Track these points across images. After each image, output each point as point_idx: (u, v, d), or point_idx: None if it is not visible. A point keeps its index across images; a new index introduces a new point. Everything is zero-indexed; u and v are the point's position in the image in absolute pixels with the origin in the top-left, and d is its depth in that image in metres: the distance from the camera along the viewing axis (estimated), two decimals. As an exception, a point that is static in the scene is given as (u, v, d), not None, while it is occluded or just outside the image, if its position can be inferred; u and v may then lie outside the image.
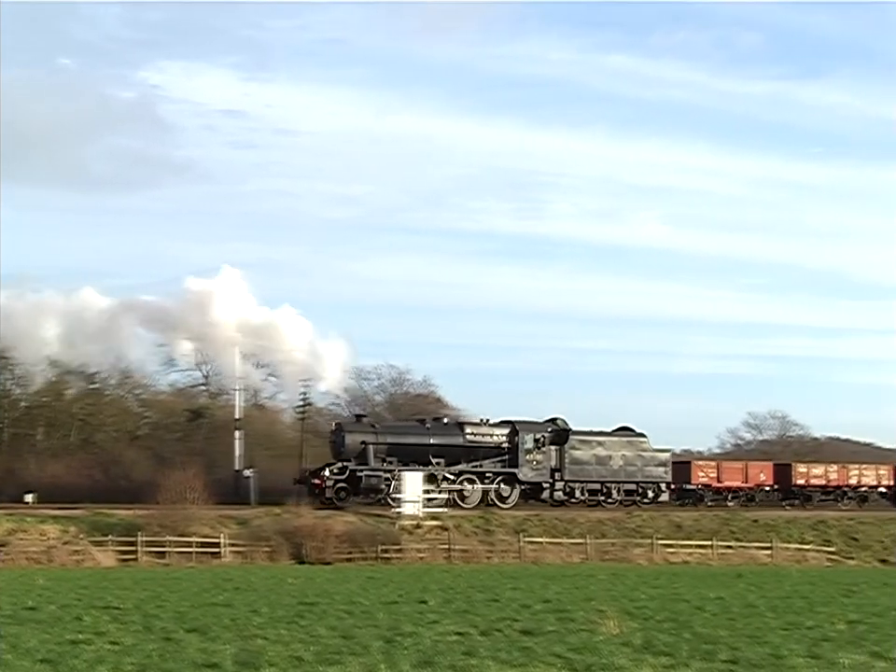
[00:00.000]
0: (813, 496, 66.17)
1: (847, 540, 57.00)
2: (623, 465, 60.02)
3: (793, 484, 65.79)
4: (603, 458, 59.64)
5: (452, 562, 47.91)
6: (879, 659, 15.99)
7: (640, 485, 60.40)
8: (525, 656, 16.22)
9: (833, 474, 66.99)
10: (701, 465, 65.74)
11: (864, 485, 67.89)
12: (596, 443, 60.02)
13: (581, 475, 59.03)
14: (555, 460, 58.44)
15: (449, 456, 56.33)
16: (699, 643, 17.86)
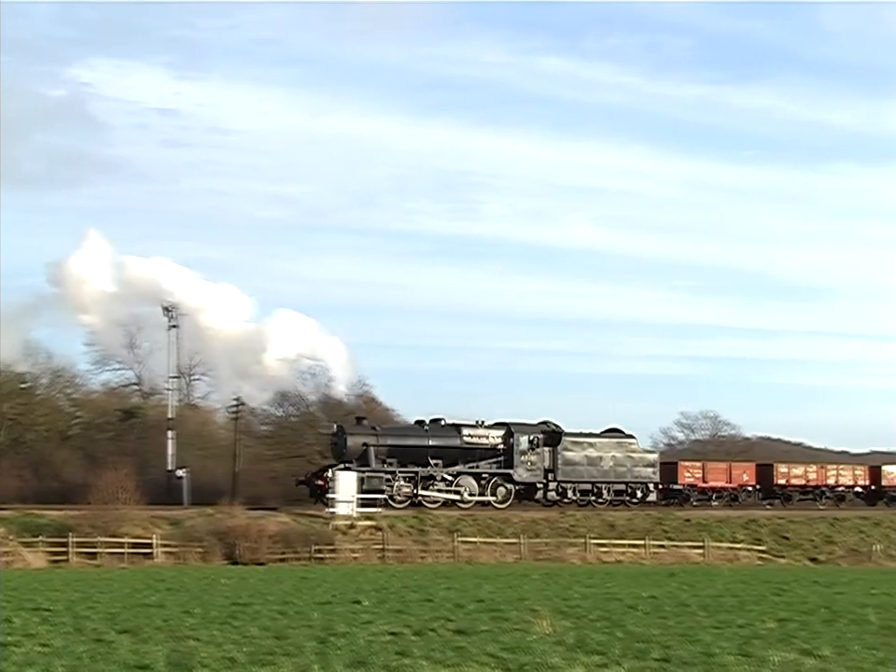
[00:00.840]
0: (793, 495, 67.62)
1: (778, 539, 57.58)
2: (614, 465, 61.25)
3: (775, 484, 67.14)
4: (594, 459, 60.87)
5: (386, 562, 47.89)
6: (808, 656, 16.14)
7: (629, 485, 61.66)
8: (458, 656, 16.22)
9: (812, 474, 68.52)
10: (687, 465, 66.71)
11: (842, 485, 69.41)
12: (588, 444, 61.21)
13: (573, 476, 60.23)
14: (548, 461, 59.55)
15: (446, 458, 57.35)
16: (631, 642, 17.94)
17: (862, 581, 38.43)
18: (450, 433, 58.21)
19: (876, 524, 61.09)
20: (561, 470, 59.82)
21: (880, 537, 59.11)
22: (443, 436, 57.96)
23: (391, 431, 58.30)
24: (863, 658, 16.19)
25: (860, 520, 61.45)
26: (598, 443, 61.56)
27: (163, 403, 66.12)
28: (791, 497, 67.56)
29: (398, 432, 58.56)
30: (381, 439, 56.37)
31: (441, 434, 58.04)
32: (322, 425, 70.97)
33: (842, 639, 18.53)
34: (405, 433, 58.54)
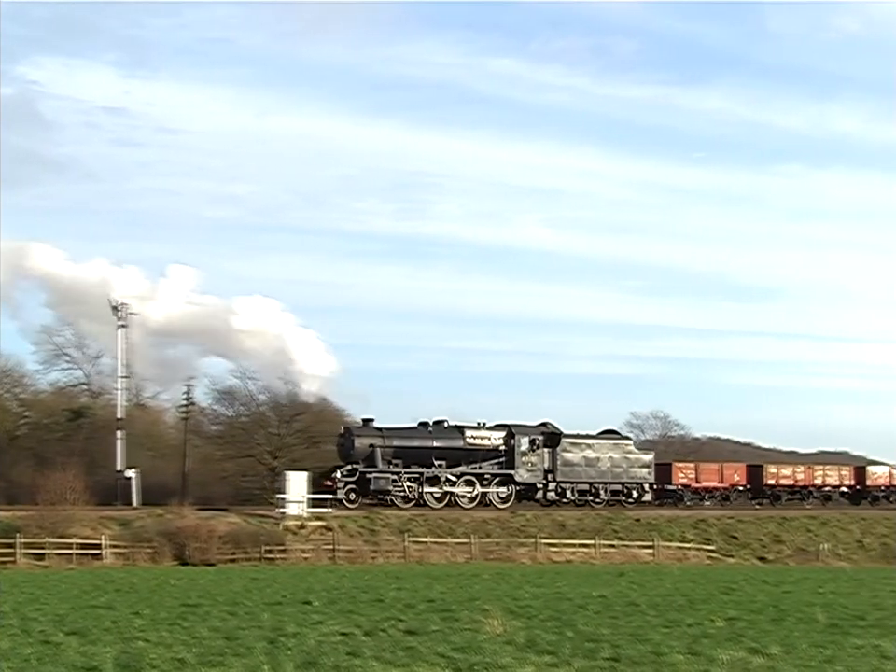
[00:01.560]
0: (782, 495, 69.03)
1: (727, 539, 57.92)
2: (611, 466, 62.67)
3: (764, 484, 68.59)
4: (592, 460, 62.23)
5: (336, 562, 47.79)
6: (757, 655, 16.23)
7: (626, 486, 63.06)
8: (408, 656, 16.21)
9: (800, 475, 70.04)
10: (681, 466, 67.91)
11: (828, 485, 70.70)
12: (586, 446, 62.58)
13: (571, 476, 61.58)
14: (548, 462, 60.93)
15: (450, 459, 58.60)
16: (581, 641, 17.99)
17: (810, 579, 38.73)
18: (453, 435, 59.57)
19: (824, 523, 61.58)
20: (560, 471, 61.21)
21: (827, 536, 59.60)
22: (447, 437, 59.31)
23: (397, 433, 58.88)
24: (811, 656, 16.31)
25: (807, 519, 61.94)
26: (596, 445, 63.00)
27: (112, 403, 65.71)
28: (779, 496, 68.95)
29: (403, 434, 59.09)
30: (387, 440, 57.59)
31: (445, 436, 59.39)
32: (272, 424, 70.92)
33: (790, 638, 18.65)
34: (410, 435, 59.25)
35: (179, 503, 52.31)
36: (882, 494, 71.65)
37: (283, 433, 70.83)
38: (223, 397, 73.86)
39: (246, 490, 67.17)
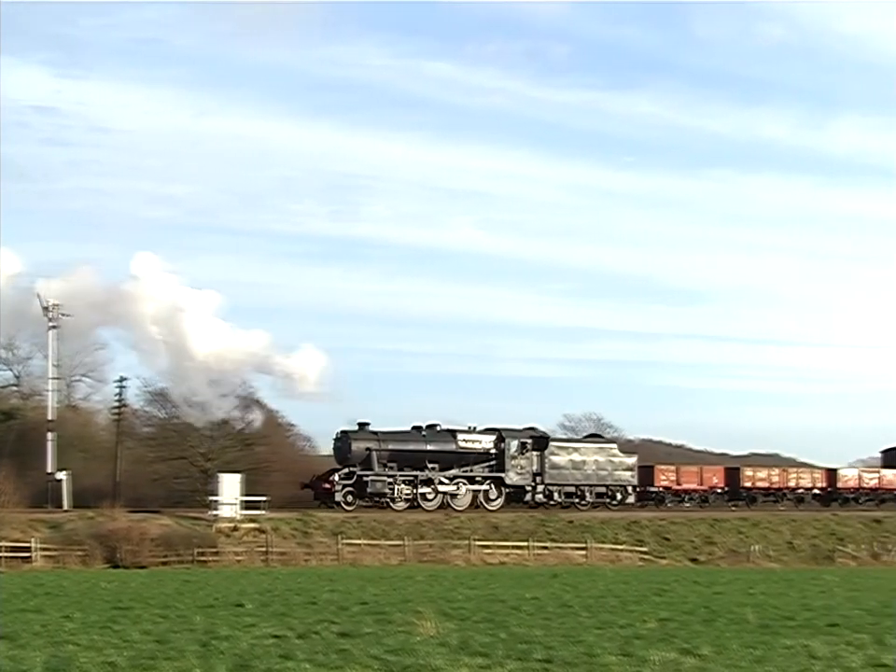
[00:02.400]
0: (757, 497, 71.00)
1: (660, 540, 58.26)
2: (596, 469, 64.26)
3: (741, 486, 70.39)
4: (578, 463, 63.85)
5: (269, 565, 47.62)
6: (688, 655, 16.34)
7: (610, 488, 64.71)
8: (342, 658, 16.17)
9: (775, 477, 71.91)
10: (663, 469, 69.54)
11: (801, 487, 72.53)
12: (573, 449, 64.60)
13: (558, 479, 63.13)
14: (537, 465, 62.43)
15: (443, 462, 59.82)
16: (515, 643, 18.02)
17: (741, 580, 39.06)
18: (446, 438, 60.98)
19: (755, 525, 62.10)
20: (548, 474, 62.69)
21: (758, 538, 60.10)
22: (440, 441, 60.66)
23: (392, 437, 59.94)
24: (741, 656, 16.44)
25: (739, 521, 62.42)
26: (582, 448, 64.99)
27: (43, 405, 65.00)
28: (755, 498, 70.80)
29: (398, 438, 60.19)
30: (382, 444, 58.87)
31: (438, 439, 60.76)
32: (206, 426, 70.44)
33: (721, 638, 18.80)
34: (405, 439, 60.41)
35: (111, 505, 51.88)
36: (851, 496, 73.53)
37: (216, 435, 70.40)
38: (156, 398, 73.27)
39: (179, 492, 66.72)
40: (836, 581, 38.92)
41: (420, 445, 60.03)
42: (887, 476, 74.93)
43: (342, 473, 57.53)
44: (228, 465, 62.40)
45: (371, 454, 57.96)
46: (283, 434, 79.16)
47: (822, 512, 67.42)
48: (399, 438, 60.17)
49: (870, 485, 74.36)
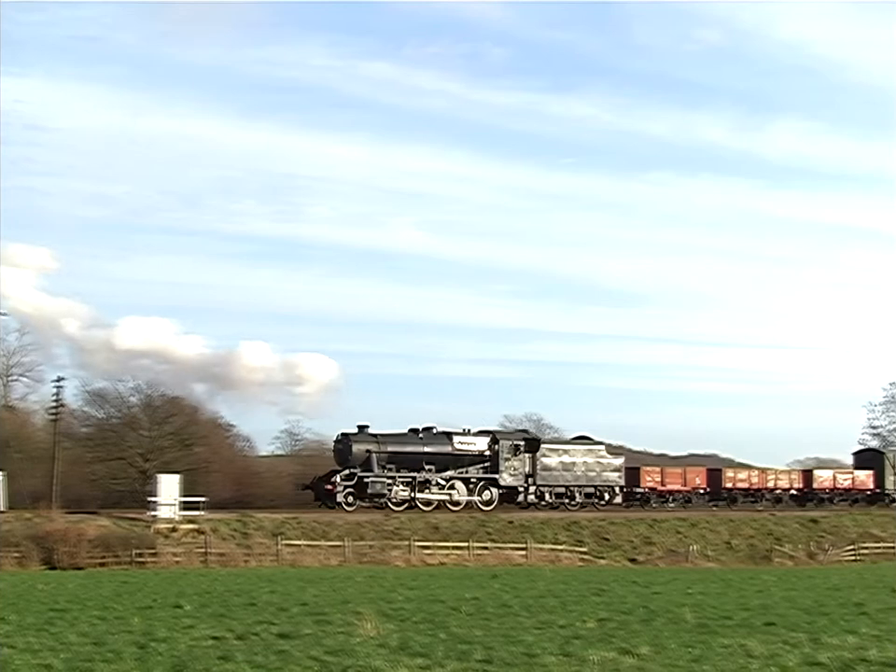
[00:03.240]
0: (738, 497, 72.81)
1: (599, 540, 58.49)
2: (585, 471, 65.77)
3: (723, 487, 72.23)
4: (568, 465, 65.38)
5: (208, 566, 47.36)
6: (627, 655, 16.40)
7: (598, 489, 66.25)
8: (281, 660, 16.12)
9: (755, 478, 74.25)
10: (648, 470, 71.01)
11: (779, 488, 74.45)
12: (563, 451, 65.98)
13: (549, 480, 64.68)
14: (529, 466, 63.94)
15: (439, 464, 61.27)
16: (455, 643, 18.03)
17: (679, 580, 39.27)
18: (442, 441, 62.22)
19: (693, 525, 62.50)
20: (539, 475, 64.23)
21: (697, 538, 60.49)
22: (437, 443, 61.92)
23: (391, 439, 61.14)
24: (679, 656, 16.52)
25: (677, 521, 62.80)
26: (572, 450, 66.36)
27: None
28: (736, 498, 72.58)
29: (397, 440, 61.39)
30: (382, 446, 60.09)
31: (435, 442, 62.01)
32: (144, 426, 70.05)
33: (659, 638, 18.89)
34: (404, 441, 61.65)
35: (48, 506, 51.42)
36: (826, 496, 75.51)
37: (154, 435, 69.99)
38: (94, 398, 72.72)
39: (117, 493, 66.25)
40: (773, 581, 39.25)
41: (418, 447, 61.34)
42: (859, 477, 77.14)
43: (343, 474, 58.66)
44: (166, 465, 62.06)
45: (371, 455, 59.22)
46: (222, 435, 78.84)
47: (760, 513, 68.02)
48: (398, 440, 61.42)
49: (844, 486, 76.53)
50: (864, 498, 76.34)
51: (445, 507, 60.48)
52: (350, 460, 59.18)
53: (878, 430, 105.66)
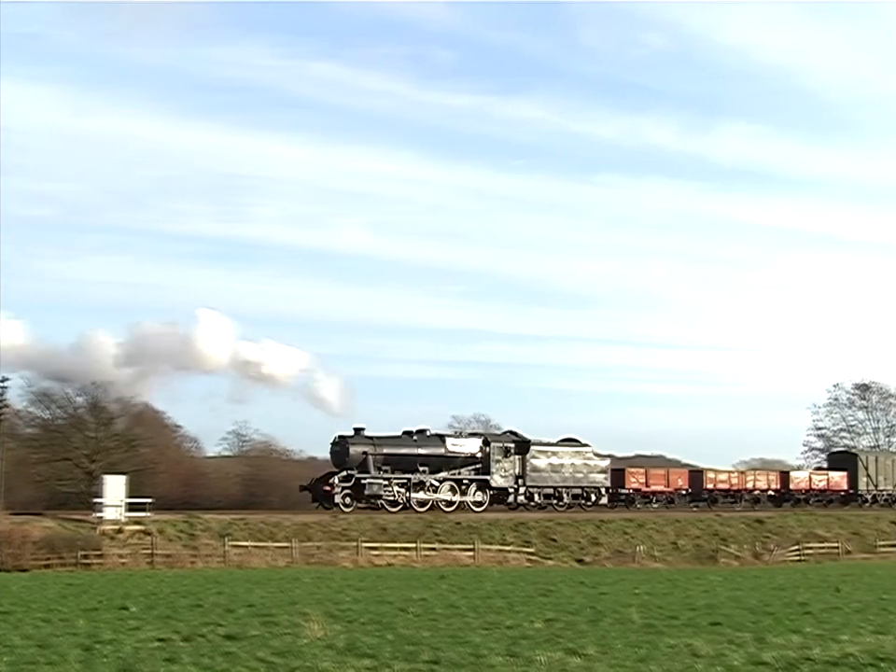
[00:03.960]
0: (718, 498, 74.43)
1: (546, 541, 58.60)
2: (573, 472, 67.14)
3: (704, 488, 73.91)
4: (557, 466, 66.58)
5: (155, 567, 47.08)
6: (574, 655, 16.45)
7: (585, 490, 67.48)
8: (228, 661, 16.07)
9: (735, 479, 76.13)
10: (633, 472, 72.40)
11: (758, 489, 76.36)
12: (552, 453, 66.81)
13: (539, 481, 65.84)
14: (519, 468, 65.05)
15: (432, 465, 62.11)
16: (402, 644, 18.04)
17: (626, 581, 39.44)
18: (436, 443, 63.19)
19: (640, 525, 62.77)
20: (529, 476, 65.35)
21: (644, 538, 60.77)
22: (430, 445, 62.79)
23: (386, 441, 61.84)
24: (626, 656, 16.60)
25: (624, 522, 63.06)
26: (560, 451, 67.23)
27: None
28: (717, 499, 74.22)
29: (392, 442, 62.03)
30: (378, 448, 60.72)
31: (429, 444, 62.87)
32: (90, 427, 69.59)
33: (606, 638, 18.98)
34: (399, 443, 62.29)
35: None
36: (803, 496, 77.42)
37: (101, 436, 69.56)
38: (39, 399, 72.18)
39: (63, 494, 65.80)
40: (719, 581, 39.50)
41: (412, 449, 62.10)
42: (834, 478, 79.18)
43: (341, 476, 59.28)
44: (112, 466, 61.69)
45: (368, 457, 59.85)
46: (169, 435, 78.50)
47: (706, 513, 68.46)
48: (393, 442, 62.11)
49: (819, 487, 78.60)
50: (839, 499, 78.46)
51: (439, 508, 61.41)
52: (347, 462, 59.89)
53: (823, 432, 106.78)
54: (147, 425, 72.90)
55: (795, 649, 17.29)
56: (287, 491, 74.23)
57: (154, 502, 53.65)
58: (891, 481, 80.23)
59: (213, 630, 20.36)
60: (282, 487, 76.21)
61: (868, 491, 79.47)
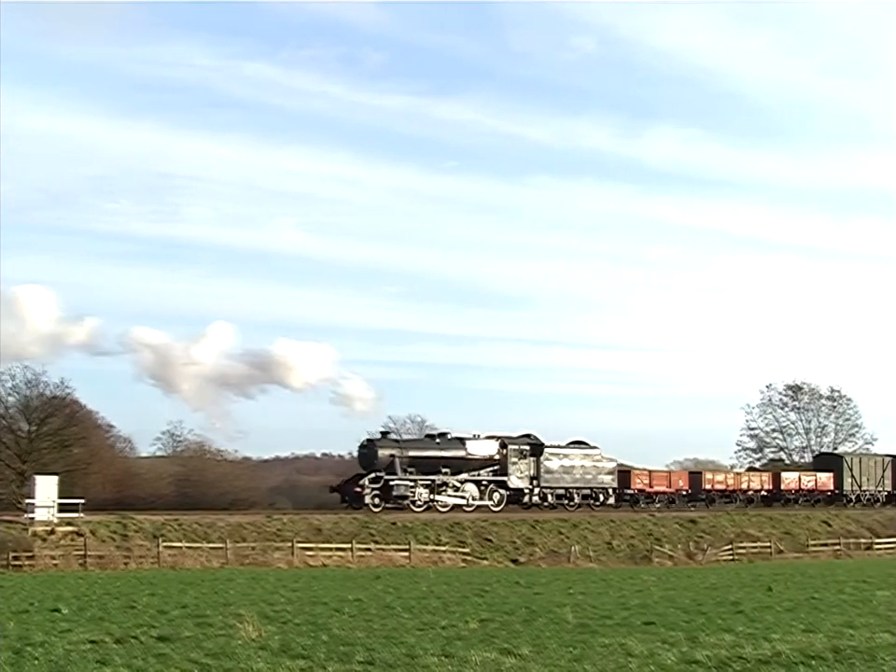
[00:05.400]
0: (715, 498, 77.28)
1: (482, 541, 58.70)
2: (583, 473, 69.91)
3: (702, 489, 77.00)
4: (568, 468, 69.45)
5: (87, 568, 46.66)
6: (508, 655, 16.48)
7: (594, 490, 70.18)
8: (160, 663, 15.96)
9: (730, 480, 79.79)
10: (638, 473, 75.49)
11: (751, 489, 79.54)
12: (563, 455, 69.61)
13: (552, 482, 68.63)
14: (533, 469, 67.82)
15: (454, 467, 64.79)
16: (336, 645, 18.00)
17: (560, 581, 39.61)
18: (456, 445, 65.61)
19: (575, 525, 63.03)
20: (543, 478, 68.13)
21: (578, 538, 61.03)
22: (452, 448, 65.37)
23: (412, 444, 65.67)
24: (560, 656, 16.65)
25: (559, 522, 63.30)
26: (571, 454, 70.01)
27: None
28: (714, 499, 77.04)
29: (417, 445, 65.59)
30: (404, 451, 63.59)
31: (450, 446, 65.46)
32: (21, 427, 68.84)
33: (540, 638, 19.03)
34: (423, 446, 65.48)
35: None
36: (792, 496, 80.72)
37: (32, 436, 68.81)
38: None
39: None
40: (653, 581, 39.76)
41: (435, 452, 64.70)
42: (821, 479, 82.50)
43: (370, 478, 61.61)
44: (44, 467, 61.05)
45: (395, 460, 62.37)
46: (101, 435, 77.78)
47: (640, 513, 68.91)
48: (418, 445, 65.49)
49: (808, 487, 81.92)
50: (825, 499, 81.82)
51: (460, 508, 63.83)
52: (375, 464, 62.30)
53: (756, 432, 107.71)
54: (80, 425, 72.16)
55: (727, 647, 17.43)
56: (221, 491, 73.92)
57: (86, 503, 53.16)
58: (873, 481, 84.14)
59: (145, 632, 20.21)
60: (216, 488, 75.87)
61: (853, 491, 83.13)
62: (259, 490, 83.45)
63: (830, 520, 73.47)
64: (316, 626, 21.19)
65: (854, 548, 68.39)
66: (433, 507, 63.31)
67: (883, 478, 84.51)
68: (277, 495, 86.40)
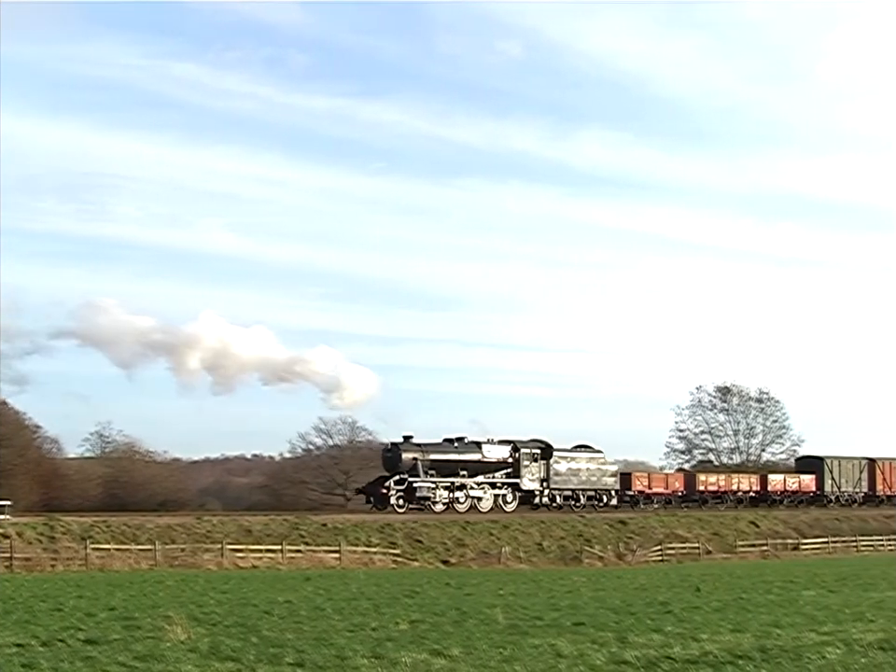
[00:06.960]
0: (708, 499, 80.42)
1: (412, 542, 58.67)
2: (588, 476, 73.04)
3: (696, 490, 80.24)
4: (575, 471, 72.53)
5: (13, 571, 46.09)
6: (438, 656, 16.49)
7: (598, 492, 73.54)
8: (88, 666, 15.81)
9: (722, 482, 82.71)
10: (638, 475, 79.63)
11: (741, 490, 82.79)
12: (571, 458, 72.73)
13: (560, 484, 71.76)
14: (543, 472, 70.98)
15: (471, 470, 67.98)
16: (266, 647, 17.93)
17: (491, 581, 39.69)
18: (473, 449, 68.60)
19: (505, 527, 63.18)
20: (552, 480, 71.24)
21: (509, 539, 61.17)
22: (469, 452, 68.37)
23: (432, 448, 67.39)
24: (490, 656, 16.68)
25: (489, 523, 63.43)
26: (577, 457, 73.05)
27: None
28: (707, 500, 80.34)
29: (438, 449, 67.66)
30: (426, 454, 66.26)
31: (467, 450, 68.43)
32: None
33: (471, 639, 19.05)
34: (443, 450, 67.88)
35: None
36: (778, 497, 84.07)
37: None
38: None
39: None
40: (583, 582, 39.96)
41: (454, 455, 67.69)
42: (804, 480, 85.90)
43: (395, 480, 64.49)
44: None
45: (417, 462, 65.36)
46: (28, 436, 77.00)
47: (569, 514, 69.23)
48: (438, 449, 67.59)
49: (792, 488, 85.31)
50: (808, 499, 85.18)
51: (476, 508, 67.03)
52: (399, 467, 65.19)
53: (685, 433, 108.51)
54: (6, 424, 71.44)
55: (656, 647, 17.54)
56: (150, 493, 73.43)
57: (12, 504, 52.61)
58: (851, 483, 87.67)
59: (73, 635, 20.02)
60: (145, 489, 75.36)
61: (832, 492, 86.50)
62: (188, 491, 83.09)
63: (757, 521, 74.32)
64: (246, 628, 21.09)
65: (781, 549, 69.20)
66: (451, 507, 66.08)
67: (860, 479, 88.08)
68: (207, 496, 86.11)
